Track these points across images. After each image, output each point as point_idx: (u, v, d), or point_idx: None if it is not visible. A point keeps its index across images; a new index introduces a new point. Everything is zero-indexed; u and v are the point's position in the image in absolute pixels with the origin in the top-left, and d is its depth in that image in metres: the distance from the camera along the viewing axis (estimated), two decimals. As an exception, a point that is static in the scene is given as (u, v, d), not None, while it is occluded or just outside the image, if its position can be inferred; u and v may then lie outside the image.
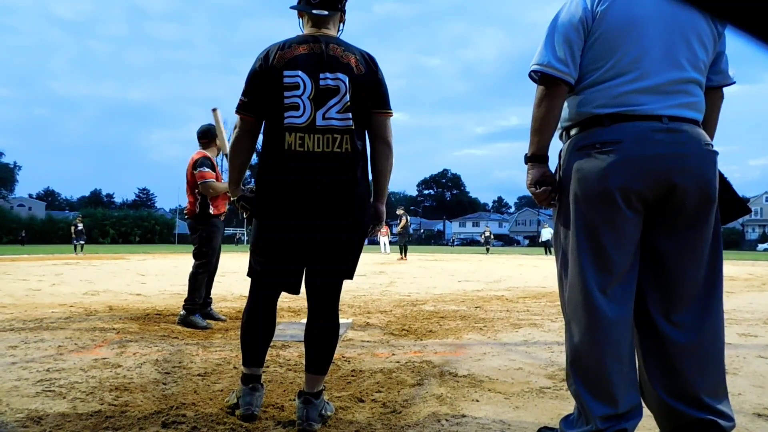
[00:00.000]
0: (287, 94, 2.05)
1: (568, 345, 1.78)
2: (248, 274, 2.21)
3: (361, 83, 2.11)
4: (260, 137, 2.24)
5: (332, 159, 2.05)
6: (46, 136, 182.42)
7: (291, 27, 2.46)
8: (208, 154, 4.58)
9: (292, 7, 2.22)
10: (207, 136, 4.63)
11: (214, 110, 4.06)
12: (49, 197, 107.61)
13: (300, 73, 2.06)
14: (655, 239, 1.74)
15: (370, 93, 2.13)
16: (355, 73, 2.10)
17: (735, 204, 1.82)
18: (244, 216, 2.33)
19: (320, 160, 2.04)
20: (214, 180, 4.44)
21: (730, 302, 6.38)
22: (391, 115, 2.20)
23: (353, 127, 2.09)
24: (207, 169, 4.43)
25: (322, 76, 2.07)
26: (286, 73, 2.06)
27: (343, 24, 2.28)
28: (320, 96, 2.06)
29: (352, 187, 2.09)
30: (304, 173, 2.04)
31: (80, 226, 24.91)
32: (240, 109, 2.14)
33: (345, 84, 2.07)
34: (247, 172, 2.43)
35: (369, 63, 2.16)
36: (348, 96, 2.07)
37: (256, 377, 2.18)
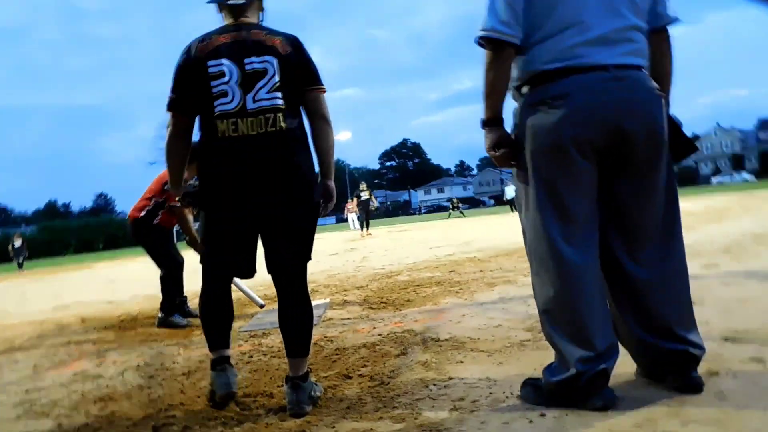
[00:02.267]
0: (214, 83, 2.06)
1: (537, 296, 1.85)
2: (200, 262, 2.24)
3: (290, 62, 2.12)
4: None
5: (267, 139, 2.06)
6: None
7: None
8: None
9: (209, 2, 2.23)
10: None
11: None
12: (1, 214, 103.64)
13: (224, 61, 2.07)
14: (612, 184, 1.79)
15: (300, 71, 2.15)
16: (282, 54, 2.11)
17: (684, 144, 1.88)
18: (194, 213, 2.34)
19: (256, 141, 2.05)
20: (186, 212, 4.17)
21: (691, 236, 6.62)
22: (324, 91, 2.22)
23: (283, 106, 2.09)
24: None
25: (247, 61, 2.08)
26: (209, 63, 2.07)
27: (263, 12, 2.30)
28: (247, 80, 2.07)
29: (291, 165, 2.09)
30: (241, 157, 2.05)
31: (18, 242, 23.32)
32: (170, 106, 2.16)
33: (273, 65, 2.09)
34: None
35: (294, 43, 2.17)
36: (277, 76, 2.08)
37: (225, 358, 2.20)
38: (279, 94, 2.09)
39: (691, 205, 14.33)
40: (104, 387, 2.69)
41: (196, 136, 2.24)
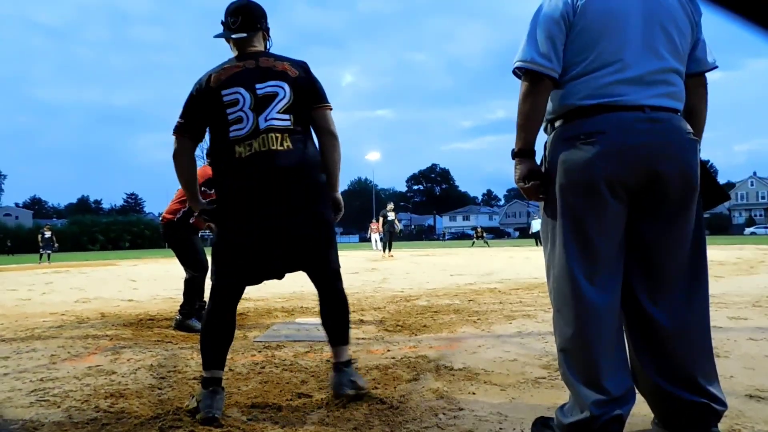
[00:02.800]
0: (229, 111, 2.24)
1: (557, 334, 1.81)
2: (210, 278, 2.32)
3: (300, 84, 2.32)
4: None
5: (276, 154, 2.21)
6: (31, 143, 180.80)
7: (275, 28, 2.54)
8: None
9: (216, 36, 2.44)
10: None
11: None
12: (36, 205, 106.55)
13: (237, 88, 2.25)
14: (641, 227, 1.76)
15: (308, 92, 2.34)
16: (292, 77, 2.31)
17: (715, 191, 1.84)
18: (210, 229, 2.48)
19: (266, 156, 2.20)
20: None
21: (719, 286, 6.45)
22: (331, 109, 2.41)
23: (292, 127, 2.26)
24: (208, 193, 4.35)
25: (259, 86, 2.26)
26: (224, 92, 2.25)
27: (269, 41, 2.51)
28: (260, 103, 2.25)
29: (295, 175, 2.22)
30: (250, 172, 2.19)
31: (48, 234, 23.52)
32: (176, 130, 2.33)
33: (284, 89, 2.28)
34: None
35: (301, 66, 2.38)
36: (288, 98, 2.27)
37: (217, 380, 2.20)
38: (288, 115, 2.26)
39: (721, 254, 13.99)
40: (116, 383, 2.71)
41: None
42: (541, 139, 1.90)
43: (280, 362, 3.09)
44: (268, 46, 2.48)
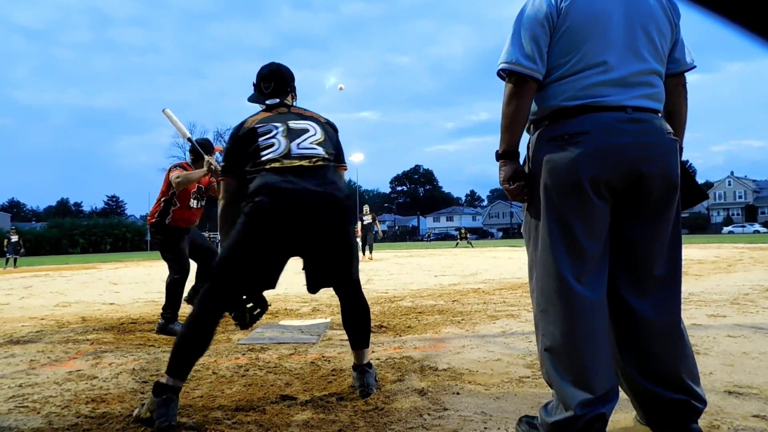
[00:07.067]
0: (261, 139, 2.37)
1: (541, 334, 1.81)
2: (211, 283, 2.22)
3: (329, 128, 2.55)
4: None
5: (310, 169, 2.33)
6: (9, 146, 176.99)
7: (259, 31, 2.57)
8: (188, 165, 4.49)
9: (250, 100, 2.64)
10: (195, 152, 4.44)
11: (164, 111, 4.02)
12: (14, 208, 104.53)
13: (271, 123, 2.42)
14: (624, 226, 1.78)
15: (335, 146, 2.51)
16: (321, 122, 2.54)
17: (694, 191, 1.87)
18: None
19: (299, 170, 2.30)
20: (181, 172, 4.27)
21: (699, 285, 6.55)
22: (346, 169, 2.62)
23: (325, 155, 2.40)
24: (178, 168, 4.34)
25: (291, 122, 2.44)
26: (257, 125, 2.42)
27: (295, 99, 2.70)
28: (293, 133, 2.40)
29: (332, 188, 2.31)
30: (288, 188, 2.24)
31: (14, 238, 22.67)
32: (223, 172, 2.48)
33: (315, 128, 2.47)
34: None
35: (329, 120, 2.60)
36: (319, 135, 2.45)
37: (176, 389, 2.13)
38: (321, 147, 2.41)
39: (700, 252, 14.21)
40: (97, 388, 2.67)
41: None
42: (524, 139, 1.91)
43: (264, 365, 3.07)
44: (293, 104, 2.66)
